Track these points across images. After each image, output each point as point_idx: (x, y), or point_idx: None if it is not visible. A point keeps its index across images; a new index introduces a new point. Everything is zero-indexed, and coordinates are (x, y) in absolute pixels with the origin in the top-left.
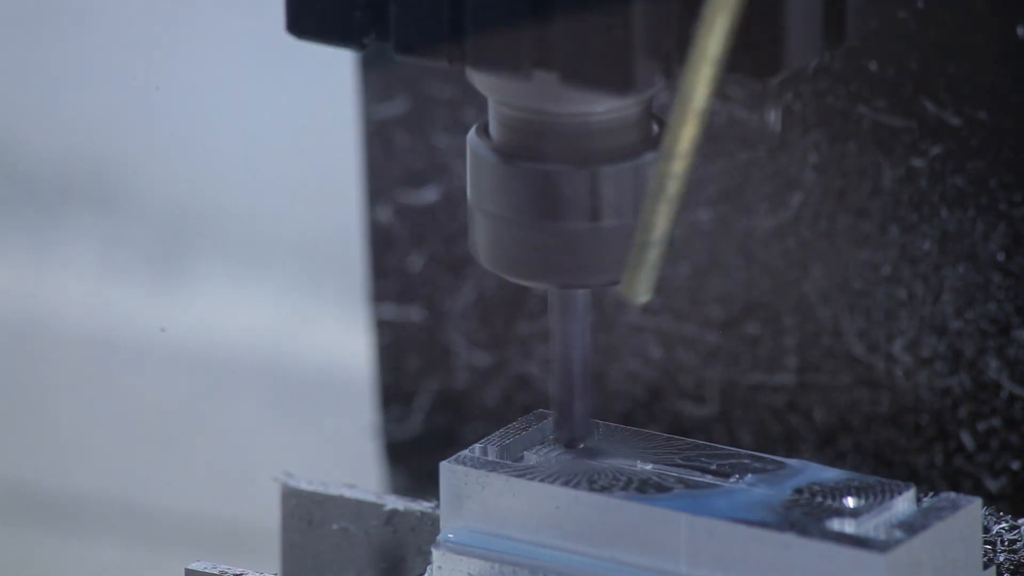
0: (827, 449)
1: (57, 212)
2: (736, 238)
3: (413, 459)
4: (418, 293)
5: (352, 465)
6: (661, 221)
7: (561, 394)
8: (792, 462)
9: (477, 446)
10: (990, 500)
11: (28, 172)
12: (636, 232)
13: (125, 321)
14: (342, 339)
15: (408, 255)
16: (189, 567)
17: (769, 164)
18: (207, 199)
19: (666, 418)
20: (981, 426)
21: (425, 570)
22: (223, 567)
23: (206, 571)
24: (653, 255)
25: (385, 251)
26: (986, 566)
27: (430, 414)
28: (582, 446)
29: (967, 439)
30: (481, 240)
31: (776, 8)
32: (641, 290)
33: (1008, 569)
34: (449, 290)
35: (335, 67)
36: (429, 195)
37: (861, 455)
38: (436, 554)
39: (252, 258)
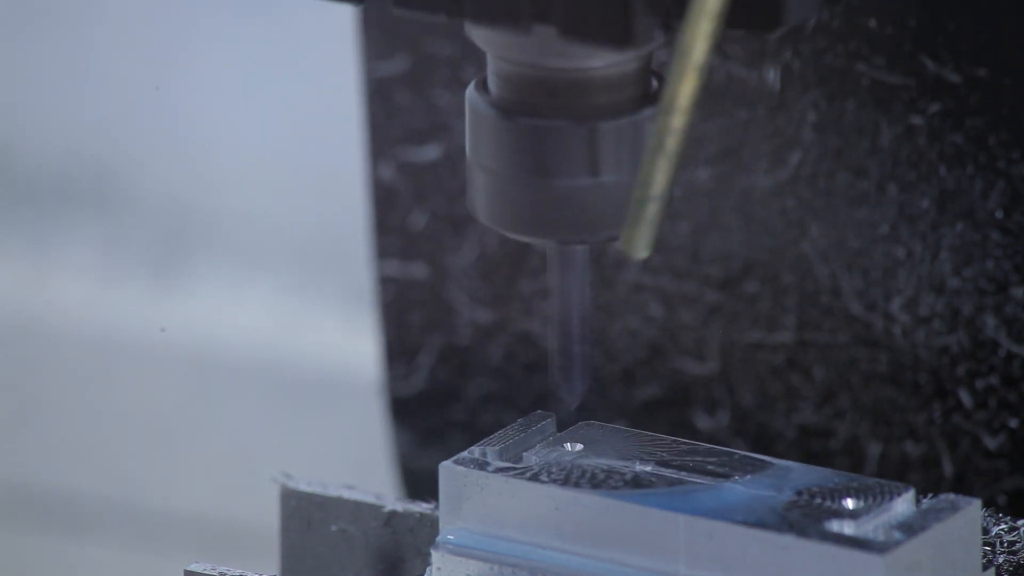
0: (826, 407)
1: (57, 213)
2: (735, 197)
3: (417, 415)
4: (420, 250)
5: (352, 465)
6: (660, 177)
7: (561, 349)
8: (791, 464)
9: (476, 448)
10: (988, 457)
11: (28, 172)
12: (635, 188)
13: (125, 321)
14: (342, 339)
15: (410, 213)
16: (188, 568)
17: (768, 123)
18: (207, 199)
19: (667, 375)
20: (979, 384)
21: (424, 571)
22: (222, 568)
23: (205, 572)
24: (652, 211)
25: (387, 209)
26: (985, 567)
27: (434, 370)
28: (579, 403)
29: (965, 397)
30: (480, 196)
31: None
32: (640, 246)
33: (1007, 570)
34: (451, 248)
35: (336, 68)
36: (431, 153)
37: (860, 413)
38: (435, 555)
39: (252, 258)
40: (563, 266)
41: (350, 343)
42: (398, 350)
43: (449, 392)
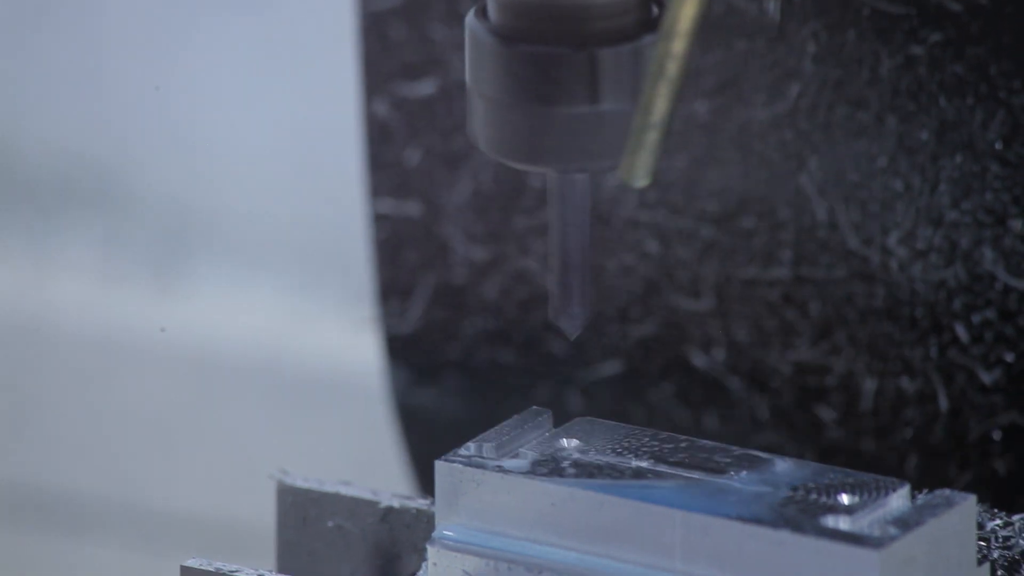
0: (822, 343)
1: (57, 213)
2: (733, 130)
3: (413, 353)
4: (415, 187)
5: (351, 465)
6: (661, 103)
7: (560, 278)
8: (786, 459)
9: (472, 443)
10: (984, 392)
11: (28, 172)
12: (635, 115)
13: (125, 321)
14: (342, 338)
15: (405, 149)
16: (185, 564)
17: (767, 54)
18: (207, 199)
19: (662, 312)
20: (976, 318)
21: (420, 567)
22: (218, 564)
23: (201, 568)
24: (652, 137)
25: (382, 145)
26: (980, 562)
27: (429, 308)
28: (579, 329)
29: (962, 331)
30: (480, 125)
31: None
32: (640, 173)
33: (1002, 565)
34: (446, 184)
35: (336, 69)
36: (426, 88)
37: (855, 349)
38: (431, 551)
39: (252, 258)
40: (563, 194)
41: (350, 343)
42: (392, 289)
43: (444, 330)
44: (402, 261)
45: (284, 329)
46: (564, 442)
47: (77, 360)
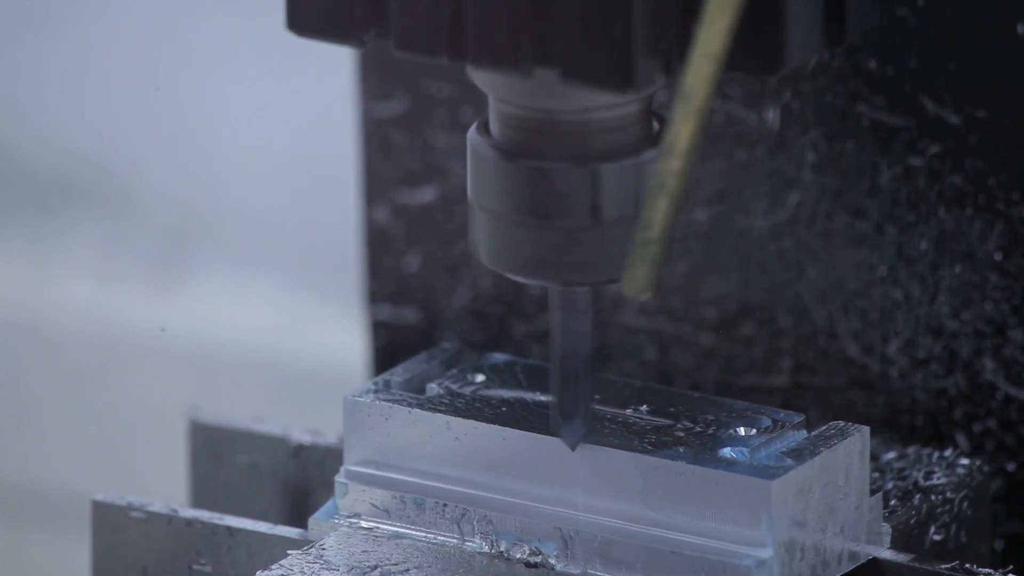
0: None
1: (57, 212)
2: (732, 238)
3: None
4: (414, 294)
5: None
6: (662, 218)
7: (562, 390)
8: (687, 392)
9: (380, 378)
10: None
11: (28, 172)
12: (636, 229)
13: (125, 321)
14: (341, 339)
15: (404, 256)
16: (95, 499)
17: (767, 163)
18: (207, 199)
19: None
20: (977, 427)
21: (328, 502)
22: (130, 498)
23: (113, 502)
24: (654, 252)
25: (381, 251)
26: (874, 492)
27: None
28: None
29: (963, 441)
30: (481, 238)
31: (777, 5)
32: (642, 287)
33: (896, 496)
34: (445, 291)
35: (334, 66)
36: (426, 195)
37: None
38: (339, 485)
39: (252, 258)
40: (565, 308)
41: (350, 343)
42: None
43: None
44: None
45: (284, 329)
46: (471, 377)
47: (77, 360)
